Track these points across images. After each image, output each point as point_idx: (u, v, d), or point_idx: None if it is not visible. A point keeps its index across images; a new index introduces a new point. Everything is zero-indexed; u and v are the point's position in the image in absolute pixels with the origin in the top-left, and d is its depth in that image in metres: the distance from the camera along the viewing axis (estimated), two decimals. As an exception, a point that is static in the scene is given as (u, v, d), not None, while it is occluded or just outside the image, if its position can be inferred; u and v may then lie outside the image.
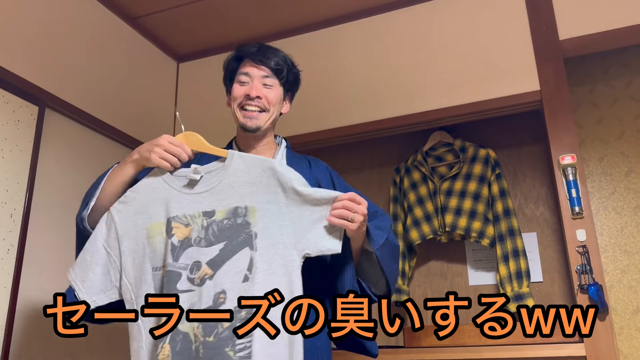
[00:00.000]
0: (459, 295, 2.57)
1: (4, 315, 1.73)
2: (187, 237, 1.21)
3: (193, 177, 1.26)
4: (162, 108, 2.68)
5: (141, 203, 1.26)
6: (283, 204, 1.22)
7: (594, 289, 1.82)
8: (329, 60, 2.50)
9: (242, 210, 1.22)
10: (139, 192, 1.28)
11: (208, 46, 2.75)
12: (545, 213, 2.47)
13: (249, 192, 1.23)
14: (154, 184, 1.28)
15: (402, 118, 2.29)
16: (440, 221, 2.36)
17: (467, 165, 2.39)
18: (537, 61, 2.13)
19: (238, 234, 1.20)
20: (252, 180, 1.24)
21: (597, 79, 2.63)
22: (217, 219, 1.22)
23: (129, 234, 1.24)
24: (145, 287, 1.20)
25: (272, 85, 1.43)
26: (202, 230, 1.21)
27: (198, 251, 1.20)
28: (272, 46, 1.48)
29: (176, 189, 1.27)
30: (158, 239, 1.23)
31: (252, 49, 1.44)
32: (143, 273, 1.21)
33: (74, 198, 2.09)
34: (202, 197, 1.25)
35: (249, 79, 1.42)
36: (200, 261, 1.19)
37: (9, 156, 1.82)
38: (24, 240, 1.83)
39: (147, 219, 1.25)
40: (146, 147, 1.31)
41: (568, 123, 2.03)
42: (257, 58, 1.41)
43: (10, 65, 1.85)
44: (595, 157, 2.54)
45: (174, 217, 1.23)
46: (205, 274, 1.18)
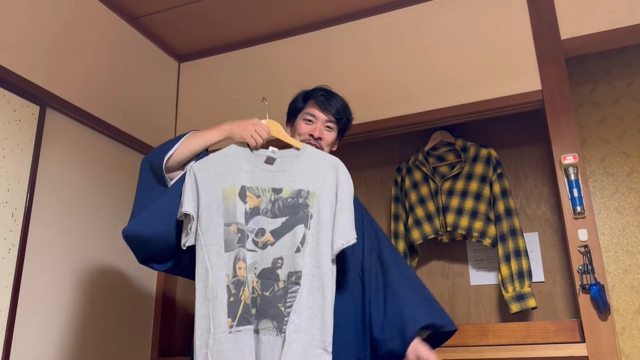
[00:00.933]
0: (460, 295, 2.58)
1: (5, 314, 1.73)
2: (257, 207, 1.44)
3: (271, 155, 1.49)
4: (163, 108, 2.68)
5: (221, 168, 1.47)
6: (334, 197, 1.46)
7: (596, 289, 1.82)
8: (329, 60, 2.50)
9: (304, 193, 1.46)
10: (221, 158, 1.49)
11: (209, 46, 2.75)
12: (547, 213, 2.47)
13: (313, 180, 1.47)
14: (234, 155, 1.50)
15: (404, 118, 2.29)
16: (441, 221, 2.35)
17: (469, 165, 2.38)
18: (539, 61, 2.13)
19: (298, 211, 1.44)
20: (317, 171, 1.49)
21: (598, 79, 2.63)
22: (283, 197, 1.46)
23: (207, 190, 1.44)
24: (216, 237, 1.40)
25: (332, 128, 1.66)
26: (269, 203, 1.45)
27: (264, 220, 1.43)
28: (335, 93, 1.69)
29: (254, 163, 1.49)
30: (231, 200, 1.43)
31: (320, 93, 1.66)
32: (216, 226, 1.41)
33: (75, 197, 2.09)
34: (273, 175, 1.48)
35: (314, 120, 1.64)
36: (265, 229, 1.43)
37: (10, 156, 1.82)
38: (25, 239, 1.83)
39: (225, 182, 1.45)
40: (239, 124, 1.53)
41: (569, 123, 2.03)
42: (324, 105, 1.64)
43: (11, 64, 1.86)
44: (597, 157, 2.54)
45: (249, 188, 1.46)
46: (268, 241, 1.42)
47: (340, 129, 1.70)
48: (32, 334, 1.85)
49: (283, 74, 2.57)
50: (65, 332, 1.97)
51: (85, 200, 2.14)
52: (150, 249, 1.46)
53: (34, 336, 1.86)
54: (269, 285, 1.38)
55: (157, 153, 1.50)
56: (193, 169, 1.47)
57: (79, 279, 2.07)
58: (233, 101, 2.63)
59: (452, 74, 2.25)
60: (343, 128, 1.71)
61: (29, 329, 1.84)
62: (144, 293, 2.42)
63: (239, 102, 2.61)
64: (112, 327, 2.21)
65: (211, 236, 1.40)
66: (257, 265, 1.40)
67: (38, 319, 1.88)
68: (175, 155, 1.49)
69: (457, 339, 2.05)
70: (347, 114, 1.69)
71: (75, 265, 2.06)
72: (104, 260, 2.19)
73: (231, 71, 2.70)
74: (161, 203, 1.46)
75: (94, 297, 2.13)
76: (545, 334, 1.93)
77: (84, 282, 2.10)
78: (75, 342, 2.01)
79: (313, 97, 1.66)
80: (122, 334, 2.26)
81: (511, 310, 2.15)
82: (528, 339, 1.95)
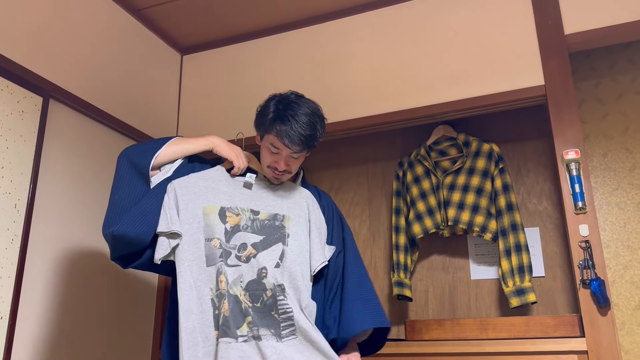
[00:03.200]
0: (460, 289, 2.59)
1: (8, 304, 1.74)
2: (237, 224, 1.51)
3: (249, 181, 1.59)
4: (165, 100, 2.68)
5: (201, 188, 1.54)
6: (307, 221, 1.60)
7: (596, 284, 1.82)
8: (333, 53, 2.49)
9: (280, 217, 1.56)
10: (201, 179, 1.56)
11: (212, 39, 2.74)
12: (548, 208, 2.47)
13: (287, 206, 1.59)
14: (214, 178, 1.58)
15: (406, 112, 2.28)
16: (442, 215, 2.36)
17: (471, 159, 2.38)
18: (542, 56, 2.12)
19: (275, 232, 1.53)
20: (290, 199, 1.62)
21: (602, 74, 2.62)
22: (261, 218, 1.54)
23: (188, 207, 1.50)
24: (198, 253, 1.46)
25: (298, 157, 1.57)
26: (249, 220, 1.53)
27: (245, 235, 1.50)
28: (302, 113, 1.50)
29: (232, 187, 1.58)
30: (212, 217, 1.50)
31: (286, 124, 1.47)
32: (197, 241, 1.47)
33: (78, 188, 2.10)
34: (251, 198, 1.57)
35: (278, 152, 1.54)
36: (247, 243, 1.49)
37: (13, 146, 1.82)
38: (27, 230, 1.84)
39: (205, 201, 1.52)
40: (226, 143, 1.62)
41: (572, 118, 2.02)
42: (287, 139, 1.48)
43: (14, 56, 1.86)
44: (599, 153, 2.54)
45: (228, 208, 1.53)
46: (251, 253, 1.48)
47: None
48: (34, 324, 1.86)
49: (286, 66, 2.57)
50: (67, 322, 1.99)
51: (88, 191, 2.15)
52: (128, 248, 1.48)
53: (36, 326, 1.87)
54: (257, 297, 1.44)
55: (142, 153, 1.54)
56: (174, 186, 1.51)
57: (81, 269, 2.08)
58: (235, 94, 2.63)
59: (455, 68, 2.25)
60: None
61: (31, 318, 1.85)
62: (145, 284, 2.44)
63: (241, 95, 2.60)
64: (114, 318, 2.22)
65: (193, 251, 1.46)
66: (243, 279, 1.45)
67: (40, 309, 1.89)
68: (160, 157, 1.54)
69: (457, 333, 2.06)
70: (313, 142, 1.53)
71: (78, 256, 2.07)
72: (106, 251, 2.20)
73: (234, 64, 2.70)
74: (144, 206, 1.48)
75: (96, 288, 2.14)
76: (545, 329, 1.94)
77: (86, 272, 2.11)
78: (76, 332, 2.02)
79: (277, 127, 1.49)
80: (123, 325, 2.28)
81: (511, 304, 2.16)
82: (528, 333, 1.96)
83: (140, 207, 1.47)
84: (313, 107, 1.54)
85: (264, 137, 1.58)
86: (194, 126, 2.68)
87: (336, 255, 1.65)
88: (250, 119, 1.64)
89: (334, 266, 1.63)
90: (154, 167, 1.54)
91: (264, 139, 1.57)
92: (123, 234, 1.43)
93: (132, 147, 1.58)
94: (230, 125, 2.54)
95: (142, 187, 1.52)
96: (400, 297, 2.40)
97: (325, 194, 1.78)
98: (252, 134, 1.97)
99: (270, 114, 1.52)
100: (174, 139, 1.60)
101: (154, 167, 1.54)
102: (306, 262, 1.54)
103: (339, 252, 1.66)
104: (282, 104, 1.52)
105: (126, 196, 1.50)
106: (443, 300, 2.54)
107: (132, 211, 1.46)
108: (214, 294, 1.43)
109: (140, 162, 1.52)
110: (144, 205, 1.48)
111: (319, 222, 1.63)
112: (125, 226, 1.43)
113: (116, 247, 1.47)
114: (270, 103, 1.55)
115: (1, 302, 1.72)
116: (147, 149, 1.54)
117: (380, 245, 2.71)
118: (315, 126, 1.52)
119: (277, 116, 1.50)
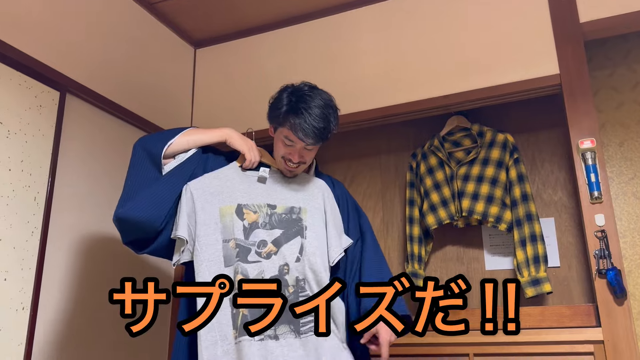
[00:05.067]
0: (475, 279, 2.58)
1: (30, 295, 1.78)
2: (255, 221, 1.52)
3: (263, 175, 1.59)
4: (179, 93, 2.70)
5: (217, 188, 1.55)
6: (323, 212, 1.60)
7: (613, 273, 1.82)
8: (345, 44, 2.49)
9: (296, 209, 1.57)
10: (215, 179, 1.56)
11: (225, 32, 2.76)
12: (564, 198, 2.45)
13: (302, 198, 1.60)
14: (228, 177, 1.58)
15: (419, 103, 2.28)
16: (457, 206, 2.36)
17: (485, 150, 2.37)
18: (557, 44, 2.11)
19: (293, 225, 1.54)
20: (305, 191, 1.62)
21: (617, 63, 2.59)
22: (278, 212, 1.55)
23: (205, 208, 1.51)
24: (216, 253, 1.47)
25: (312, 149, 1.57)
26: (266, 216, 1.53)
27: (264, 232, 1.51)
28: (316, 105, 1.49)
29: (247, 183, 1.58)
30: (228, 218, 1.51)
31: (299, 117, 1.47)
32: (214, 242, 1.48)
33: (95, 181, 2.13)
34: (267, 192, 1.58)
35: (292, 144, 1.54)
36: (266, 240, 1.51)
37: (32, 140, 1.85)
38: (47, 222, 1.87)
39: (221, 201, 1.53)
40: (239, 135, 1.61)
41: (588, 107, 2.01)
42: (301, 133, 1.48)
43: (31, 51, 1.88)
44: (615, 142, 2.51)
45: (245, 205, 1.53)
46: (271, 250, 1.50)
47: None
48: (55, 313, 1.90)
49: (300, 58, 2.57)
50: (86, 310, 2.02)
51: (105, 184, 2.17)
52: (138, 232, 1.50)
53: (56, 314, 1.91)
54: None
55: (155, 141, 1.56)
56: (190, 188, 1.53)
57: (100, 259, 2.12)
58: (249, 87, 2.65)
59: (468, 58, 2.24)
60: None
61: (52, 307, 1.89)
62: (161, 272, 2.47)
63: (255, 88, 2.62)
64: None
65: (211, 252, 1.48)
66: (264, 275, 1.47)
67: (60, 298, 1.93)
68: (173, 146, 1.55)
69: (472, 323, 2.06)
70: (327, 135, 1.53)
71: (96, 247, 2.11)
72: (124, 243, 2.23)
73: (247, 57, 2.71)
74: (154, 190, 1.50)
75: (114, 277, 2.17)
76: (561, 319, 1.94)
77: (104, 262, 2.14)
78: (95, 320, 2.06)
79: (291, 120, 1.49)
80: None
81: (526, 295, 2.16)
82: (543, 323, 1.96)
83: (148, 192, 1.49)
84: (326, 99, 1.54)
85: (277, 130, 1.58)
86: (208, 119, 2.70)
87: (354, 244, 1.66)
88: (263, 111, 1.64)
89: (351, 254, 1.65)
90: (168, 155, 1.55)
91: (278, 132, 1.58)
92: (127, 216, 1.45)
93: (146, 136, 1.60)
94: (244, 117, 2.55)
95: (154, 174, 1.54)
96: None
97: (338, 182, 1.79)
98: (265, 126, 1.99)
99: (284, 107, 1.51)
100: (188, 129, 1.61)
101: (168, 156, 1.55)
102: (325, 254, 1.55)
103: (357, 240, 1.67)
104: (295, 96, 1.51)
105: (137, 182, 1.51)
106: (457, 291, 2.54)
107: (139, 195, 1.48)
108: (232, 294, 1.43)
109: (153, 150, 1.53)
110: (153, 190, 1.49)
111: (334, 212, 1.64)
112: (131, 209, 1.45)
113: (124, 230, 1.49)
114: (283, 95, 1.54)
115: (23, 292, 1.76)
116: (161, 138, 1.56)
117: (393, 237, 2.72)
118: (329, 118, 1.52)
119: (291, 109, 1.49)
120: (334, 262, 1.56)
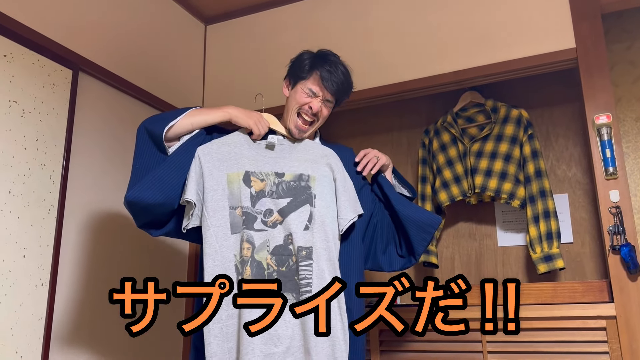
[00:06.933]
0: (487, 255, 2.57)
1: (48, 272, 1.81)
2: (262, 190, 1.53)
3: (272, 142, 1.59)
4: (190, 70, 2.69)
5: (224, 154, 1.55)
6: (332, 180, 1.60)
7: (627, 249, 1.81)
8: (357, 20, 2.46)
9: (305, 177, 1.57)
10: (223, 145, 1.57)
11: (235, 8, 2.73)
12: (578, 174, 2.44)
13: (311, 166, 1.59)
14: (236, 142, 1.58)
15: (432, 78, 2.26)
16: (469, 183, 2.35)
17: (499, 126, 2.35)
18: (573, 17, 2.07)
19: (302, 193, 1.54)
20: (313, 159, 1.61)
21: (635, 36, 2.54)
22: (286, 180, 1.56)
23: (212, 174, 1.51)
24: (223, 220, 1.49)
25: (330, 104, 1.65)
26: (274, 185, 1.54)
27: (270, 201, 1.53)
28: (339, 65, 1.63)
29: (255, 150, 1.58)
30: (236, 185, 1.52)
31: (326, 68, 1.60)
32: (222, 209, 1.49)
33: (109, 158, 2.15)
34: (275, 160, 1.58)
35: (314, 95, 1.61)
36: (272, 209, 1.52)
37: (46, 119, 1.87)
38: (63, 200, 1.90)
39: (229, 168, 1.53)
40: (244, 112, 1.60)
41: (604, 81, 1.98)
42: (327, 82, 1.59)
43: (44, 29, 1.88)
44: (631, 117, 2.48)
45: (252, 172, 1.54)
46: (277, 220, 1.51)
47: (338, 102, 1.70)
48: (72, 288, 1.94)
49: (312, 34, 2.54)
50: (102, 287, 2.06)
51: (118, 161, 2.19)
52: (150, 214, 1.51)
53: (74, 291, 1.95)
54: (283, 261, 1.49)
55: (157, 122, 1.54)
56: (198, 154, 1.53)
57: (115, 236, 2.15)
58: (260, 63, 2.63)
59: (483, 32, 2.20)
60: (341, 101, 1.71)
61: (69, 283, 1.93)
62: (176, 251, 2.50)
63: (266, 64, 2.60)
64: (148, 285, 2.29)
65: (218, 218, 1.49)
66: (269, 243, 1.49)
67: (77, 274, 1.97)
68: (176, 127, 1.53)
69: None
70: (348, 92, 1.67)
71: (111, 224, 2.13)
72: (138, 220, 2.26)
73: (258, 33, 2.69)
74: (160, 172, 1.49)
75: (129, 255, 2.21)
76: (573, 294, 1.94)
77: (120, 240, 2.17)
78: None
79: (317, 70, 1.60)
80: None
81: (539, 270, 2.16)
82: (556, 298, 1.97)
83: (155, 174, 1.49)
84: (346, 67, 1.66)
85: (297, 84, 1.63)
86: (219, 96, 2.69)
87: (374, 203, 1.75)
88: (275, 88, 1.64)
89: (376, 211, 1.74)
90: (171, 137, 1.54)
91: (299, 85, 1.62)
92: (136, 199, 1.46)
93: (150, 118, 1.58)
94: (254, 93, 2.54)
95: (158, 156, 1.54)
96: (427, 264, 2.42)
97: (345, 148, 1.80)
98: (276, 104, 1.98)
99: (309, 60, 1.63)
100: (192, 109, 1.59)
101: (171, 138, 1.54)
102: (334, 222, 1.56)
103: (373, 200, 1.76)
104: (319, 55, 1.64)
105: (142, 165, 1.52)
106: (469, 267, 2.55)
107: (145, 178, 1.48)
108: (238, 261, 1.47)
109: (155, 131, 1.52)
110: (159, 171, 1.49)
111: (344, 178, 1.63)
112: (138, 192, 1.46)
113: (135, 213, 1.50)
114: (305, 55, 1.66)
115: (42, 269, 1.79)
116: (163, 119, 1.55)
117: (406, 213, 2.72)
118: (350, 79, 1.65)
119: (318, 62, 1.61)
120: (343, 230, 1.57)
